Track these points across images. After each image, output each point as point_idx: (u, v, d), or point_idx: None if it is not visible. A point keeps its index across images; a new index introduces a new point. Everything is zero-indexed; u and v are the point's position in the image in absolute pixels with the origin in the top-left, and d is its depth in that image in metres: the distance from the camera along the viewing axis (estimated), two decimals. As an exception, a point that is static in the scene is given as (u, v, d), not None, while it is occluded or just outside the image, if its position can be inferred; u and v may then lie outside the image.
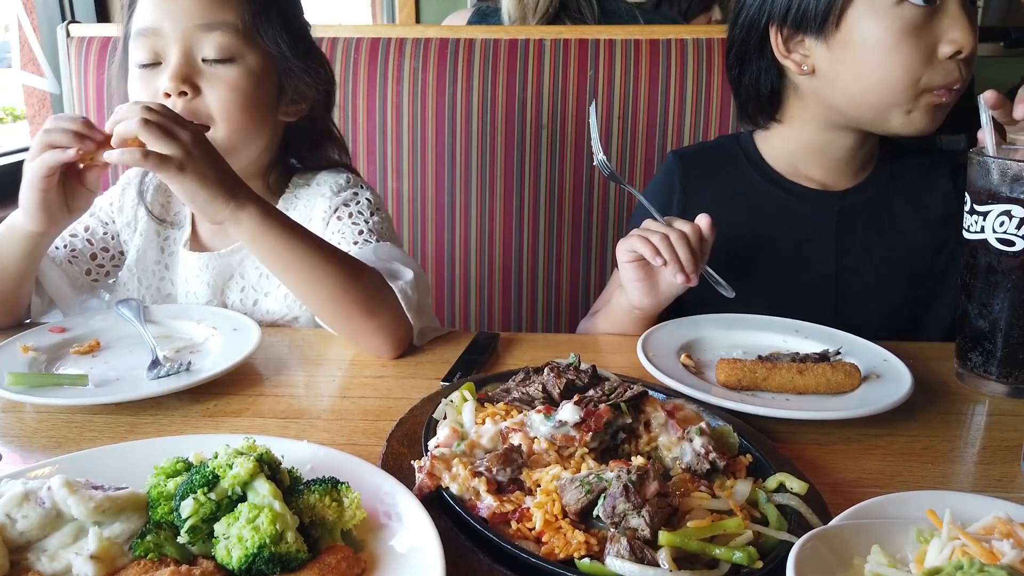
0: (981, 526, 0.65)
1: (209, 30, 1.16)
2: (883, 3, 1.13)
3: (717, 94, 1.70)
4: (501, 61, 1.73)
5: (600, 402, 0.80)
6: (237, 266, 1.30)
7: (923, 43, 1.13)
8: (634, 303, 1.22)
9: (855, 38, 1.16)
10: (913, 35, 1.13)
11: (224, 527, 0.61)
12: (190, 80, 1.16)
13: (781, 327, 1.19)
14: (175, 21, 1.16)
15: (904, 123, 1.20)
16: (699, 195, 1.35)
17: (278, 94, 1.27)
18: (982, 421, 0.98)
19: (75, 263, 1.30)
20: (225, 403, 0.99)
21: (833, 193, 1.32)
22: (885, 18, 1.13)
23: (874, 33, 1.15)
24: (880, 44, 1.15)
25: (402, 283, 1.14)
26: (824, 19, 1.17)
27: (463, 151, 1.78)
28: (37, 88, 2.22)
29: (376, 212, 1.32)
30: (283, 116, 1.30)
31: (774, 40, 1.24)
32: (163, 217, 1.36)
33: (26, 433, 0.92)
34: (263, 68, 1.22)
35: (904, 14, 1.12)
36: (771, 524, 0.69)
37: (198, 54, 1.17)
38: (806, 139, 1.31)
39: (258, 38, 1.21)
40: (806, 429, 0.93)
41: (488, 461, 0.73)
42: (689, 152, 1.45)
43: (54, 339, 1.12)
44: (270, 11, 1.22)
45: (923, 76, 1.15)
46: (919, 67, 1.14)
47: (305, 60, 1.27)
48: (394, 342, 1.13)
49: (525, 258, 1.83)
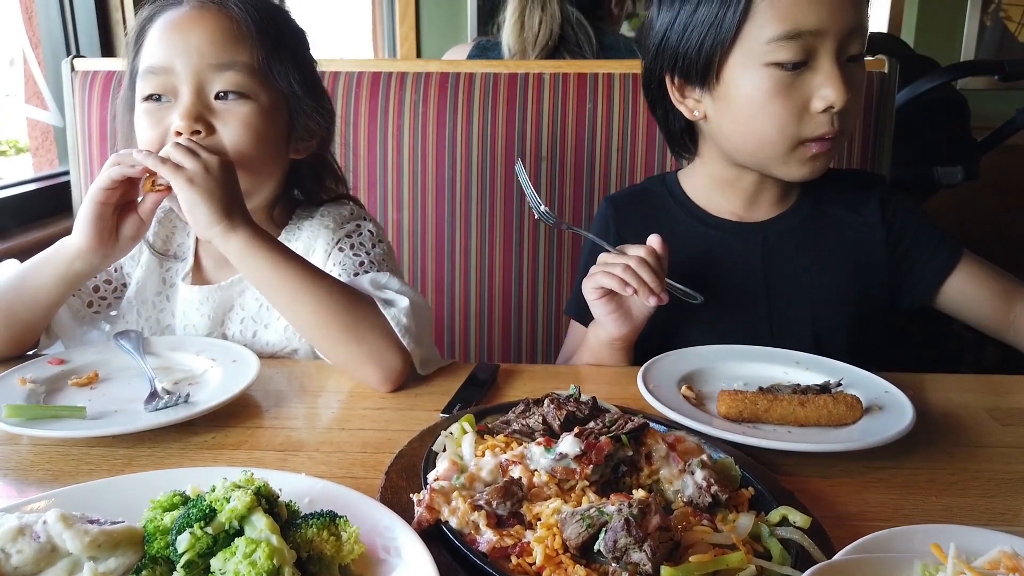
0: (986, 560, 0.65)
1: (223, 69, 1.17)
2: (754, 62, 1.16)
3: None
4: (501, 94, 1.75)
5: (601, 434, 0.80)
6: (238, 297, 1.30)
7: (794, 100, 1.16)
8: (612, 335, 1.24)
9: (732, 92, 1.20)
10: (782, 93, 1.16)
11: (221, 562, 0.60)
12: (203, 119, 1.17)
13: (782, 358, 1.18)
14: (187, 59, 1.16)
15: (784, 172, 1.24)
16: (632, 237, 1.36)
17: (288, 132, 1.28)
18: (985, 453, 0.97)
19: (78, 295, 1.31)
20: (223, 435, 0.98)
21: (756, 224, 1.34)
22: (756, 76, 1.17)
23: (746, 90, 1.18)
24: (752, 101, 1.18)
25: (395, 310, 1.14)
26: (705, 73, 1.21)
27: (463, 183, 1.79)
28: (41, 121, 2.24)
29: (378, 244, 1.33)
30: (294, 154, 1.31)
31: (669, 87, 1.29)
32: (165, 251, 1.36)
33: (23, 466, 0.91)
34: (275, 106, 1.23)
35: (774, 74, 1.16)
36: (774, 559, 0.68)
37: (210, 92, 1.18)
38: (717, 174, 1.34)
39: (271, 77, 1.22)
40: (808, 461, 0.92)
41: (488, 494, 0.72)
42: (620, 196, 1.50)
43: (52, 371, 1.12)
44: (282, 50, 1.23)
45: (796, 130, 1.18)
46: (791, 123, 1.17)
47: (315, 98, 1.28)
48: (386, 372, 1.11)
49: (525, 289, 1.83)
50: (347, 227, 1.32)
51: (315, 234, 1.32)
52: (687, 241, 1.35)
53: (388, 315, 1.13)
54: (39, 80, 2.18)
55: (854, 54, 1.16)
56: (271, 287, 1.12)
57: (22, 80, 2.18)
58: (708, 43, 1.19)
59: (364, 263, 1.27)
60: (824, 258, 1.32)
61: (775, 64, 1.15)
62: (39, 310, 1.21)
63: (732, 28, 1.16)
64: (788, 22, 1.13)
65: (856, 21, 1.14)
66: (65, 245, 1.17)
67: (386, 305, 1.15)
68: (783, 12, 1.13)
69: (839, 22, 1.13)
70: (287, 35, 1.26)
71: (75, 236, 1.15)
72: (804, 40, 1.13)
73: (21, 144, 2.38)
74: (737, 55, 1.18)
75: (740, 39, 1.16)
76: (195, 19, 1.19)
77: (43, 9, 2.14)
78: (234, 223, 1.09)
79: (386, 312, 1.13)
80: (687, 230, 1.36)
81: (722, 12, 1.16)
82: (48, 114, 2.21)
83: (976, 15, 4.64)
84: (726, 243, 1.34)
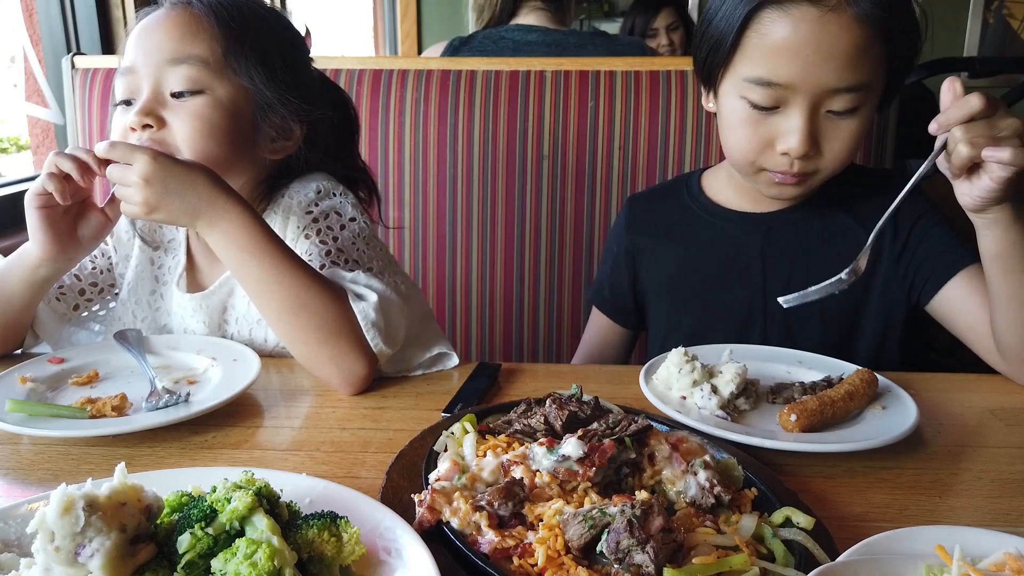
0: (991, 562, 0.64)
1: (177, 64, 1.15)
2: (735, 90, 1.21)
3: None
4: (502, 92, 1.75)
5: (604, 436, 0.79)
6: (227, 298, 1.28)
7: (760, 134, 1.20)
8: None
9: (720, 106, 1.27)
10: (750, 126, 1.20)
11: (221, 563, 0.60)
12: (155, 113, 1.15)
13: (785, 358, 1.18)
14: (147, 57, 1.16)
15: (758, 188, 1.29)
16: (643, 234, 1.47)
17: (253, 129, 1.23)
18: (990, 454, 0.96)
19: (63, 299, 1.30)
20: (224, 435, 0.98)
21: (762, 214, 1.37)
22: (734, 102, 1.22)
23: (726, 109, 1.24)
24: (727, 120, 1.25)
25: (364, 304, 1.11)
26: (709, 82, 1.28)
27: (464, 181, 1.79)
28: (41, 119, 2.23)
29: (349, 223, 1.26)
30: (268, 154, 1.26)
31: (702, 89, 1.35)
32: (155, 243, 1.35)
33: (23, 465, 0.91)
34: (233, 100, 1.19)
35: (746, 107, 1.19)
36: (778, 560, 0.68)
37: (166, 89, 1.16)
38: (734, 172, 1.36)
39: (229, 72, 1.19)
40: (811, 462, 0.92)
41: (489, 495, 0.72)
42: (639, 196, 1.57)
43: (53, 370, 1.11)
44: (243, 43, 1.19)
45: (756, 158, 1.22)
46: (752, 152, 1.22)
47: (286, 95, 1.22)
48: (348, 376, 1.09)
49: (527, 288, 1.82)
50: (314, 211, 1.25)
51: (285, 219, 1.27)
52: (693, 229, 1.40)
53: (356, 309, 1.10)
54: (39, 78, 2.18)
55: (836, 110, 1.16)
56: (240, 277, 1.12)
57: (23, 78, 2.18)
58: (711, 59, 1.24)
59: (331, 252, 1.21)
60: (817, 253, 1.33)
61: (749, 100, 1.18)
62: (14, 312, 1.21)
63: (726, 53, 1.20)
64: (763, 69, 1.16)
65: (841, 82, 1.13)
66: (27, 252, 1.16)
67: (356, 299, 1.12)
68: (762, 57, 1.16)
69: (816, 82, 1.14)
70: (255, 29, 1.21)
71: (31, 245, 1.14)
72: (775, 90, 1.16)
73: (22, 141, 2.38)
74: (728, 77, 1.23)
75: (731, 65, 1.21)
76: (160, 18, 1.18)
77: (43, 6, 2.14)
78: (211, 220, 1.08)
79: (355, 306, 1.10)
80: (695, 219, 1.41)
81: (723, 36, 1.20)
82: (48, 112, 2.21)
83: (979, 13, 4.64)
84: (729, 231, 1.38)
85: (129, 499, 0.61)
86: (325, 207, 1.26)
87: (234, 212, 1.09)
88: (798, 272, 1.32)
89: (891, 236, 1.30)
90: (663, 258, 1.43)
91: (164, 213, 1.07)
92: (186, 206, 1.07)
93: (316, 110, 1.27)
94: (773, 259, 1.35)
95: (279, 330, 1.13)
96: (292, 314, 1.09)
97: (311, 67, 1.34)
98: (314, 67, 1.35)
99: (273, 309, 1.11)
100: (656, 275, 1.45)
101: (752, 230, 1.36)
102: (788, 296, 1.09)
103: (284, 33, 1.29)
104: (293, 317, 1.09)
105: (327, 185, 1.29)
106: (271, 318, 1.13)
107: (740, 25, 1.16)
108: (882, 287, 1.32)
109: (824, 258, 1.31)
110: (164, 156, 1.07)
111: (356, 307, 1.11)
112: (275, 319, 1.12)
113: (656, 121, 1.72)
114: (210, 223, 1.09)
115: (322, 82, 1.38)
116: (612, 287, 1.51)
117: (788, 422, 0.95)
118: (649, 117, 1.72)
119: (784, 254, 1.34)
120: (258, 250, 1.09)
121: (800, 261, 1.33)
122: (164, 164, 1.06)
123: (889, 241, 1.30)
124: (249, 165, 1.26)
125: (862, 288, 1.32)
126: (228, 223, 1.09)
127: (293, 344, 1.12)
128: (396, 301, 1.15)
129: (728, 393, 1.00)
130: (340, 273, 1.17)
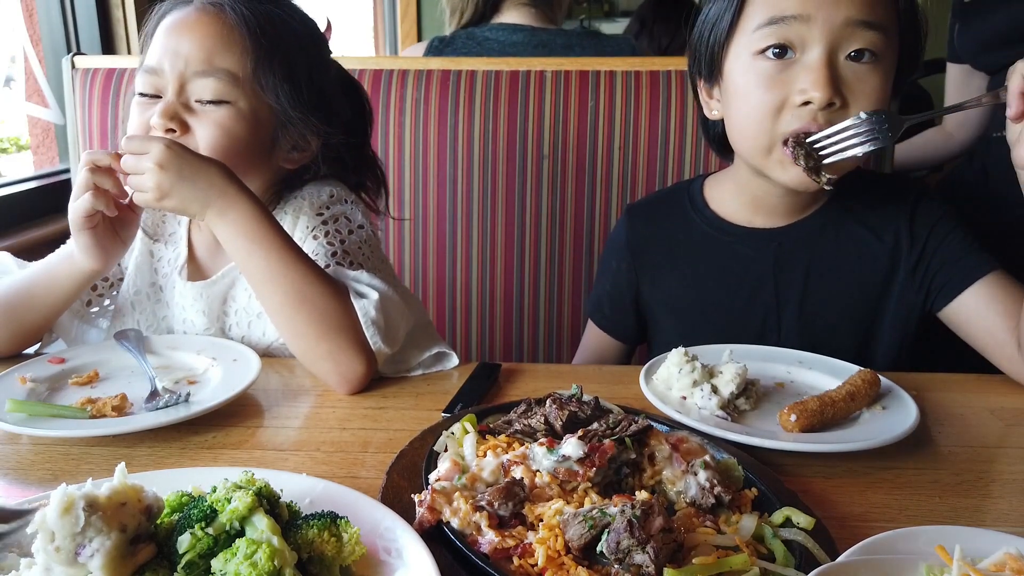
0: (992, 562, 0.64)
1: (206, 76, 1.17)
2: (746, 55, 1.18)
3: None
4: (502, 92, 1.75)
5: (604, 436, 0.79)
6: (228, 289, 1.29)
7: (775, 92, 1.15)
8: None
9: (730, 86, 1.23)
10: (764, 85, 1.16)
11: (221, 563, 0.60)
12: (179, 117, 1.17)
13: (785, 358, 1.18)
14: (174, 61, 1.17)
15: (775, 174, 1.20)
16: (644, 247, 1.41)
17: (272, 140, 1.25)
18: (990, 454, 0.96)
19: None
20: (224, 435, 0.98)
21: (770, 230, 1.32)
22: (746, 67, 1.18)
23: (739, 80, 1.20)
24: (739, 91, 1.20)
25: (365, 302, 1.11)
26: (711, 68, 1.25)
27: (464, 181, 1.79)
28: (41, 119, 2.23)
29: (356, 230, 1.29)
30: (284, 163, 1.29)
31: (699, 89, 1.32)
32: (156, 235, 1.36)
33: (23, 465, 0.91)
34: (255, 113, 1.21)
35: (760, 65, 1.16)
36: (778, 560, 0.68)
37: (192, 95, 1.18)
38: (742, 181, 1.32)
39: (256, 88, 1.20)
40: (811, 462, 0.92)
41: (490, 495, 0.72)
42: (638, 206, 1.50)
43: (53, 370, 1.11)
44: (273, 60, 1.21)
45: (773, 124, 1.16)
46: (771, 115, 1.15)
47: (308, 111, 1.24)
48: (345, 374, 1.10)
49: (527, 288, 1.82)
50: (324, 213, 1.28)
51: (295, 219, 1.29)
52: (701, 249, 1.35)
53: (357, 306, 1.11)
54: (40, 78, 2.18)
55: (857, 48, 1.12)
56: (245, 268, 1.13)
57: (23, 77, 2.18)
58: (713, 38, 1.22)
59: (337, 253, 1.24)
60: (830, 265, 1.30)
61: (762, 53, 1.15)
62: (44, 315, 1.24)
63: (730, 20, 1.18)
64: (773, 8, 1.14)
65: (857, 13, 1.10)
66: (76, 268, 1.18)
67: (357, 297, 1.13)
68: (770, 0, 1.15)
69: (829, 10, 1.11)
70: (285, 45, 1.23)
71: (84, 262, 1.17)
72: (788, 26, 1.13)
73: (22, 142, 2.38)
74: (734, 47, 1.20)
75: (736, 31, 1.19)
76: (191, 23, 1.19)
77: (43, 6, 2.14)
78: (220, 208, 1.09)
79: (356, 303, 1.11)
80: (702, 237, 1.36)
81: (723, 6, 1.19)
82: (49, 112, 2.21)
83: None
84: (740, 250, 1.33)
85: (129, 499, 0.62)
86: (336, 211, 1.29)
87: (244, 203, 1.11)
88: (812, 286, 1.29)
89: (908, 245, 1.27)
90: (668, 277, 1.38)
91: (175, 200, 1.08)
92: (197, 193, 1.09)
93: (335, 132, 1.29)
94: (786, 275, 1.30)
95: (279, 323, 1.14)
96: (293, 307, 1.10)
97: (332, 70, 1.34)
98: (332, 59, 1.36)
99: (276, 302, 1.12)
100: (661, 296, 1.40)
101: (762, 247, 1.31)
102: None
103: (312, 47, 1.29)
104: (294, 310, 1.10)
105: (340, 192, 1.33)
106: (272, 310, 1.13)
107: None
108: (898, 297, 1.29)
109: (838, 270, 1.29)
110: (178, 144, 1.10)
111: (357, 304, 1.11)
112: (276, 311, 1.12)
113: (656, 121, 1.72)
114: (220, 212, 1.10)
115: (339, 78, 1.39)
116: (613, 305, 1.46)
117: (788, 422, 0.95)
118: (649, 117, 1.72)
119: (797, 269, 1.30)
120: (266, 242, 1.10)
121: (813, 275, 1.30)
122: (178, 152, 1.08)
123: (906, 251, 1.27)
124: (264, 170, 1.29)
125: (877, 299, 1.29)
126: (238, 213, 1.10)
127: (292, 338, 1.13)
128: (397, 301, 1.16)
129: (728, 393, 1.00)
130: (343, 272, 1.19)
